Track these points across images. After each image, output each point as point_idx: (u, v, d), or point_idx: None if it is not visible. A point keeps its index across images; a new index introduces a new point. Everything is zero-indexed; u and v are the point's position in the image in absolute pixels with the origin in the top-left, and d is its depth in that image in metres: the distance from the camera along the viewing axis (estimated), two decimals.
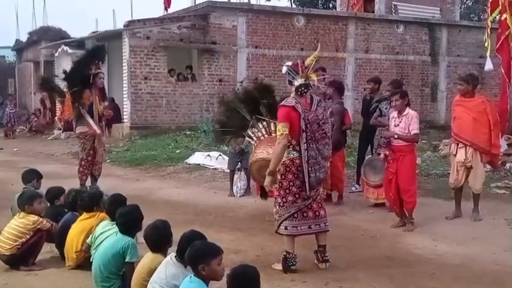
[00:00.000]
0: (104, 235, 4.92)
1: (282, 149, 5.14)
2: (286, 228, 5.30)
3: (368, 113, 8.78)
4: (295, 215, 5.28)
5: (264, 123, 7.30)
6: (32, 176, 6.61)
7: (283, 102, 5.28)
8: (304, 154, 5.13)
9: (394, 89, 7.80)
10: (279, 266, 5.35)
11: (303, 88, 5.18)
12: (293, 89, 5.23)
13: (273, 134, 7.30)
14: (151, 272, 4.07)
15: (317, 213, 5.34)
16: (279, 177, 5.26)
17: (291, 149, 5.19)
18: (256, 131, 7.33)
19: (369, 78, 9.78)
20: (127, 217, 4.65)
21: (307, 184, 5.17)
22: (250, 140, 7.43)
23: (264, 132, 7.31)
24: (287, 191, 5.24)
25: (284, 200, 5.28)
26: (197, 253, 3.57)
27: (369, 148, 8.96)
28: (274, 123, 7.22)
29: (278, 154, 5.18)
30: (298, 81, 5.20)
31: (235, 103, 7.70)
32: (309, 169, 5.15)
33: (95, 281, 4.61)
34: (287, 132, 5.08)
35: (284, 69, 5.36)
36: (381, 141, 7.21)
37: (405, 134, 6.72)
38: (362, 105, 9.29)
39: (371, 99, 8.86)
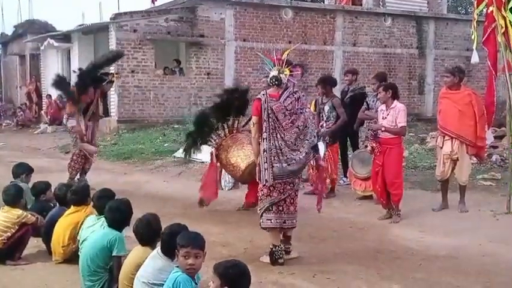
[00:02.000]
0: (90, 229, 4.90)
1: (254, 140, 5.35)
2: (262, 221, 5.37)
3: (343, 104, 8.83)
4: (270, 208, 5.31)
5: (228, 123, 7.64)
6: (21, 171, 6.55)
7: (257, 96, 5.41)
8: (264, 144, 5.16)
9: (379, 82, 7.89)
10: (266, 259, 5.37)
11: (273, 80, 5.30)
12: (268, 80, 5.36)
13: (235, 132, 7.57)
14: (139, 266, 4.05)
15: (289, 209, 5.36)
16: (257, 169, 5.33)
17: (263, 141, 5.23)
18: (218, 133, 7.68)
19: (346, 69, 9.96)
20: (116, 211, 4.62)
21: (267, 173, 5.13)
22: (211, 144, 7.75)
23: (226, 133, 7.63)
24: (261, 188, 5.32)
25: (262, 192, 5.34)
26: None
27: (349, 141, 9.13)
28: (238, 120, 7.53)
29: (253, 145, 5.44)
30: (272, 73, 5.33)
31: (205, 113, 7.87)
32: (272, 159, 5.14)
33: (82, 275, 4.58)
34: (253, 126, 5.28)
35: (263, 59, 5.57)
36: (368, 133, 7.27)
37: (393, 126, 6.75)
38: (341, 97, 9.32)
39: (348, 90, 9.00)
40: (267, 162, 5.16)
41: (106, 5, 57.59)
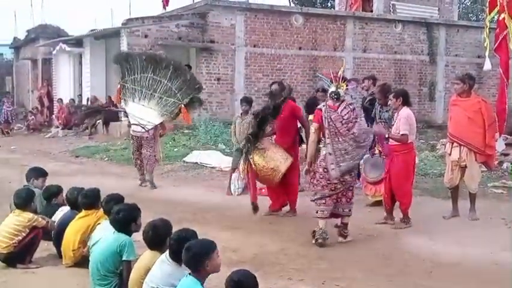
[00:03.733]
0: (101, 233, 4.91)
1: (311, 144, 6.37)
2: (316, 212, 6.25)
3: (364, 109, 8.85)
4: (323, 201, 6.14)
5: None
6: (32, 174, 6.53)
7: (318, 106, 6.43)
8: (328, 147, 6.08)
9: (382, 95, 7.68)
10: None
11: (333, 95, 6.19)
12: (327, 95, 6.34)
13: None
14: (148, 270, 4.06)
15: (341, 201, 6.22)
16: (317, 169, 6.19)
17: (323, 145, 6.21)
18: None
19: (365, 76, 9.85)
20: (121, 215, 4.63)
21: (334, 172, 6.03)
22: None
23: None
24: (319, 182, 6.15)
25: (318, 186, 6.17)
26: (200, 251, 3.64)
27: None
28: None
29: (309, 146, 6.41)
30: (331, 89, 6.22)
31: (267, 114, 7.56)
32: (337, 160, 6.04)
33: (92, 279, 4.59)
34: (313, 131, 6.28)
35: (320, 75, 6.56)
36: (376, 138, 7.41)
37: (397, 133, 6.73)
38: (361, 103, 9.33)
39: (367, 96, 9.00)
40: (333, 163, 6.05)
41: (118, 11, 58.00)
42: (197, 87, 9.66)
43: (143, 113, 9.41)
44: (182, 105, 9.33)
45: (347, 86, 6.46)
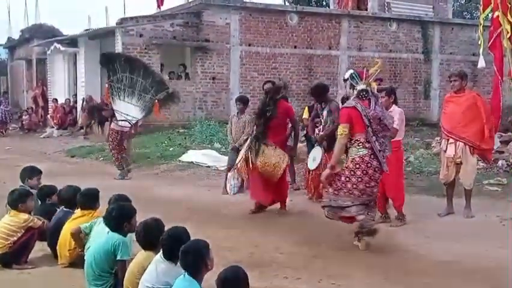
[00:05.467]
0: (97, 233, 4.90)
1: (341, 147, 5.75)
2: (357, 215, 5.81)
3: None
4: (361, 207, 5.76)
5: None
6: (26, 174, 6.48)
7: (344, 105, 5.93)
8: (375, 146, 5.67)
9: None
10: (359, 243, 5.91)
11: (364, 93, 5.77)
12: (355, 92, 5.80)
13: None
14: (144, 270, 4.06)
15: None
16: (346, 172, 5.72)
17: (360, 146, 5.69)
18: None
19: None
20: (114, 215, 4.63)
21: (384, 166, 5.71)
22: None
23: None
24: (354, 186, 5.67)
25: (350, 193, 5.69)
26: (199, 252, 3.65)
27: None
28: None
29: (338, 151, 5.78)
30: (360, 87, 5.78)
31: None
32: (379, 159, 5.68)
33: (87, 279, 4.58)
34: (347, 133, 5.67)
35: (348, 74, 5.92)
36: None
37: None
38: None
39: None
40: (373, 168, 5.67)
41: (112, 10, 57.85)
42: (166, 87, 10.93)
43: (128, 109, 10.42)
44: (156, 101, 10.49)
45: (378, 84, 6.13)
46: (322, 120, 8.23)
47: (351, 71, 5.97)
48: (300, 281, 4.99)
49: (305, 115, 9.42)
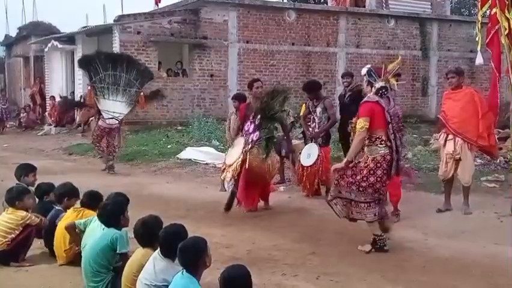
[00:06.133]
0: (93, 229, 4.90)
1: (360, 142, 5.48)
2: (366, 215, 5.61)
3: (344, 106, 8.91)
4: (378, 203, 5.58)
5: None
6: (21, 171, 6.47)
7: (365, 99, 5.62)
8: (393, 144, 5.50)
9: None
10: (366, 247, 5.67)
11: (383, 90, 5.58)
12: (373, 90, 5.59)
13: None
14: (141, 267, 4.06)
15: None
16: (365, 171, 5.48)
17: (383, 145, 5.49)
18: None
19: (345, 72, 9.93)
20: (109, 209, 4.65)
21: (393, 171, 5.54)
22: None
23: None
24: (370, 185, 5.49)
25: (363, 190, 5.50)
26: (197, 249, 3.66)
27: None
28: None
29: (356, 145, 5.51)
30: (379, 84, 5.59)
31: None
32: (396, 157, 5.53)
33: (85, 276, 4.57)
34: (367, 126, 5.40)
35: (364, 70, 5.71)
36: None
37: None
38: (339, 102, 9.45)
39: (346, 92, 9.05)
40: (394, 160, 5.52)
41: (110, 7, 57.62)
42: (149, 76, 11.13)
43: (114, 106, 10.63)
44: (142, 93, 10.75)
45: (397, 81, 5.88)
46: (316, 118, 8.24)
47: (368, 67, 5.75)
48: (297, 278, 4.99)
49: (302, 112, 9.43)
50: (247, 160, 7.12)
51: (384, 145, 5.47)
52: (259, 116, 7.33)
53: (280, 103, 7.45)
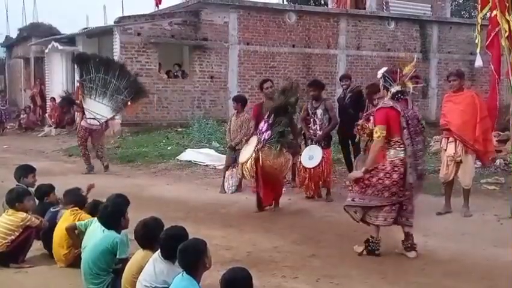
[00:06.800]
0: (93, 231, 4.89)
1: (378, 150, 5.47)
2: (376, 218, 5.55)
3: (344, 107, 9.03)
4: (385, 209, 5.51)
5: None
6: (21, 173, 6.46)
7: (381, 104, 5.58)
8: (408, 149, 5.40)
9: (371, 93, 7.68)
10: (360, 249, 5.65)
11: (399, 95, 5.52)
12: (389, 94, 5.52)
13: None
14: (141, 269, 4.06)
15: (407, 208, 5.60)
16: (381, 174, 5.44)
17: (401, 148, 5.43)
18: None
19: (342, 75, 10.11)
20: (110, 210, 4.65)
21: (411, 176, 5.40)
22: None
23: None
24: (386, 188, 5.43)
25: (378, 193, 5.45)
26: (197, 251, 3.67)
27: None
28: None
29: (375, 154, 5.48)
30: (395, 88, 5.51)
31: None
32: (414, 163, 5.43)
33: (84, 278, 4.58)
34: (384, 135, 5.38)
35: (380, 74, 5.64)
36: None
37: None
38: (338, 104, 9.52)
39: (346, 94, 9.18)
40: (411, 166, 5.41)
41: (111, 9, 57.56)
42: (141, 88, 11.51)
43: (98, 108, 10.87)
44: (129, 102, 11.14)
45: (416, 84, 5.72)
46: (317, 119, 8.24)
47: (383, 71, 5.68)
48: (297, 280, 4.99)
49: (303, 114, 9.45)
50: (260, 158, 7.22)
51: (403, 148, 5.43)
52: (273, 115, 7.39)
53: (293, 104, 7.52)
